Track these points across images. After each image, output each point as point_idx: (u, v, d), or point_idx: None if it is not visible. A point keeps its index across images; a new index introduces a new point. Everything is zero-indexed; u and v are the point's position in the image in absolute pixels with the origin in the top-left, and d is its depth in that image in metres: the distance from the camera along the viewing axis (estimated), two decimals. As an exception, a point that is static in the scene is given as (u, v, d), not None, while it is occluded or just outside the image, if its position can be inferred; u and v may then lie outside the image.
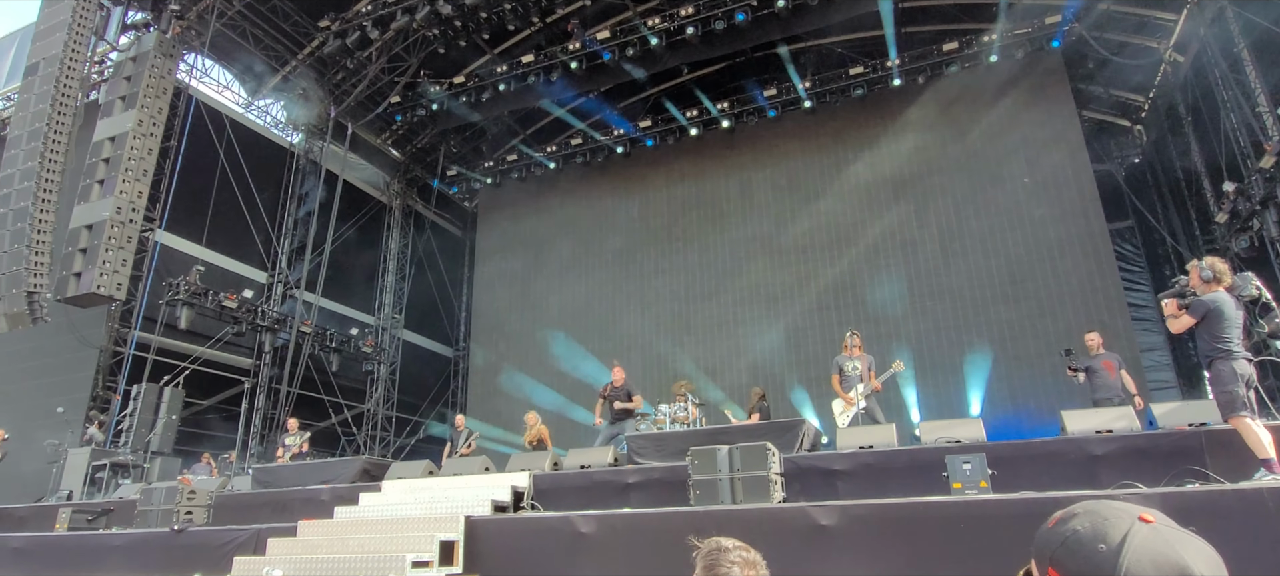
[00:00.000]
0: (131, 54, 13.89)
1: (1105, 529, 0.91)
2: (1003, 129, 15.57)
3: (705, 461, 6.18)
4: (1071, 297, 14.03)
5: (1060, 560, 0.92)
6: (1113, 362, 8.62)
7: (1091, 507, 0.96)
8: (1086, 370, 8.66)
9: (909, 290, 15.38)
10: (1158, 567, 0.85)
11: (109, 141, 13.19)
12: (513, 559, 6.12)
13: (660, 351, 17.39)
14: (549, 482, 7.74)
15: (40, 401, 13.87)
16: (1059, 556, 0.93)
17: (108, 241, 12.41)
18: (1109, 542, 0.89)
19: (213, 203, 15.82)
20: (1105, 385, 8.48)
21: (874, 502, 5.34)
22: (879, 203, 16.29)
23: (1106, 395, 8.39)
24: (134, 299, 13.90)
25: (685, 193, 18.55)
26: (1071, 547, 0.92)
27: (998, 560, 4.64)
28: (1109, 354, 8.80)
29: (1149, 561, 0.86)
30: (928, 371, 14.48)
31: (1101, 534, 0.90)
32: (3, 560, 8.23)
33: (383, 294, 19.98)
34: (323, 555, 6.15)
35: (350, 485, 8.72)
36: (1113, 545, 0.88)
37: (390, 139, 20.04)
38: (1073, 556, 0.91)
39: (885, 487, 6.20)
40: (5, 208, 12.71)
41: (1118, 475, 5.74)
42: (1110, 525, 0.91)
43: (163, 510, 7.96)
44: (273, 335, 16.37)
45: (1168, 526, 0.91)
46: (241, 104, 17.54)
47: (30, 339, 13.44)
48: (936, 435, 7.06)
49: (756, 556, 1.88)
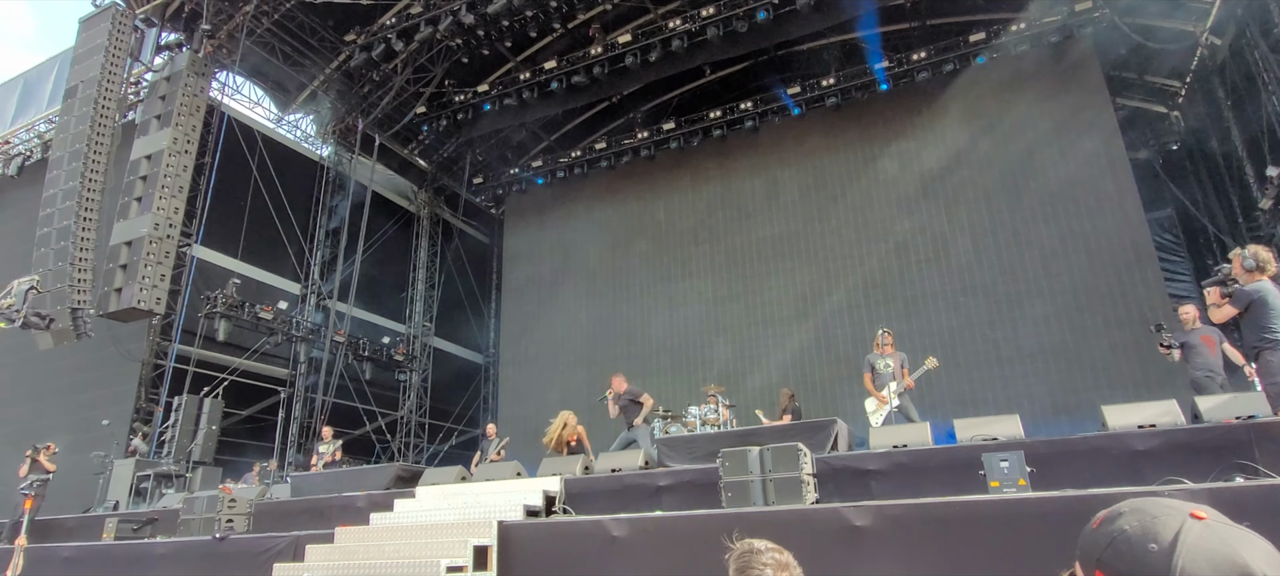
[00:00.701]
0: (165, 74, 14.26)
1: (1155, 527, 0.87)
2: (1034, 119, 15.26)
3: (736, 463, 6.14)
4: (1109, 289, 13.70)
5: (1108, 562, 0.88)
6: (1213, 338, 7.60)
7: (1138, 505, 0.92)
8: (1182, 346, 7.67)
9: (941, 286, 15.14)
10: (1215, 567, 0.81)
11: (146, 159, 13.55)
12: (545, 563, 6.13)
13: (689, 353, 17.34)
14: (580, 486, 7.76)
15: (86, 414, 14.28)
16: (1107, 558, 0.89)
17: (146, 257, 12.74)
18: (1160, 542, 0.85)
19: (247, 216, 16.16)
20: (1204, 363, 7.51)
21: (909, 502, 5.25)
22: (908, 198, 16.07)
23: (1206, 374, 7.46)
24: (173, 312, 14.24)
25: (711, 193, 18.49)
26: (1120, 549, 0.88)
27: (1038, 561, 4.53)
28: (1207, 328, 7.66)
29: (1205, 560, 0.81)
30: (962, 368, 14.23)
31: (1152, 533, 0.86)
32: (54, 569, 8.47)
33: (413, 302, 20.23)
34: (359, 561, 6.23)
35: (385, 491, 8.83)
36: (1164, 544, 0.84)
37: (417, 149, 20.29)
38: (1121, 558, 0.87)
39: (920, 487, 6.10)
40: (49, 227, 13.14)
41: (1162, 471, 5.57)
42: (1160, 523, 0.87)
43: (205, 518, 8.13)
44: (307, 345, 16.67)
45: (1222, 523, 0.87)
46: (272, 119, 17.91)
47: (75, 354, 13.84)
48: (972, 432, 6.93)
49: (789, 558, 1.86)
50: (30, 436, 11.38)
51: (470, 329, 21.73)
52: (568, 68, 16.83)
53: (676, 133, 18.64)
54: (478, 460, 11.33)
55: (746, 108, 17.86)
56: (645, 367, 17.66)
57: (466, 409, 20.74)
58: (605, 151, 19.40)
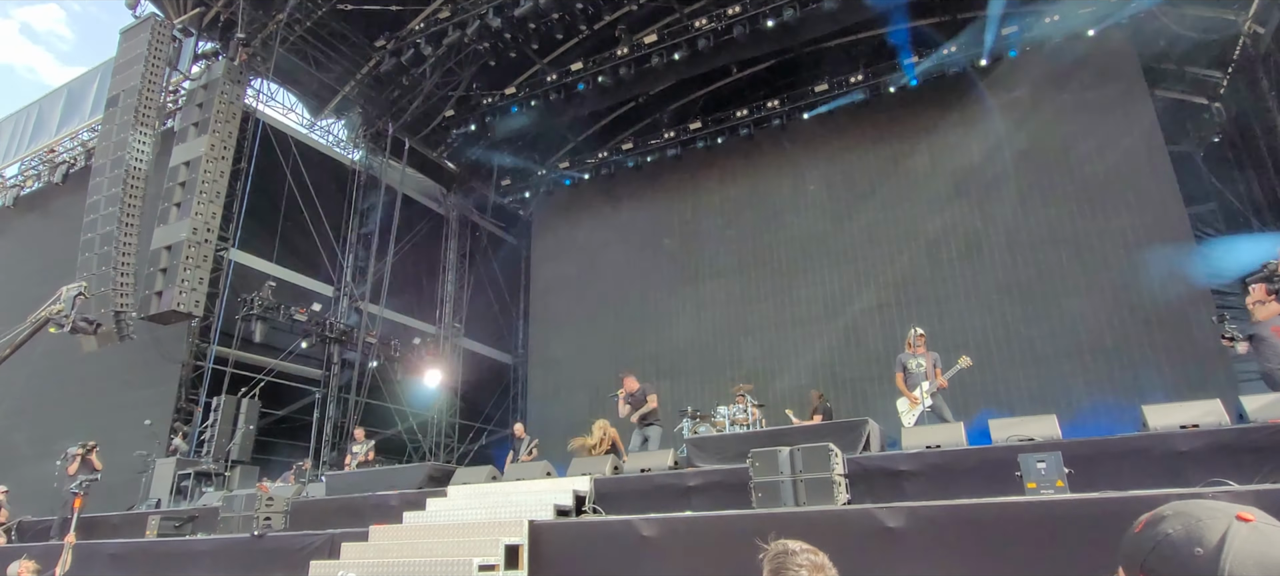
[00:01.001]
0: (202, 82, 14.60)
1: (1200, 531, 0.85)
2: (1069, 112, 14.95)
3: (766, 463, 6.12)
4: (1149, 286, 13.36)
5: (1153, 567, 0.87)
6: None
7: (1182, 508, 0.90)
8: (1250, 338, 7.01)
9: (974, 284, 14.91)
10: (1264, 569, 0.79)
11: (184, 166, 13.88)
12: (576, 562, 6.16)
13: (717, 353, 17.30)
14: (610, 486, 7.78)
15: (128, 414, 14.69)
16: (1151, 563, 0.87)
17: (185, 261, 13.05)
18: (1206, 545, 0.83)
19: (281, 220, 16.48)
20: (1277, 353, 6.81)
21: (943, 504, 5.18)
22: (940, 195, 15.84)
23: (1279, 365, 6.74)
24: (211, 315, 14.57)
25: (738, 193, 18.42)
26: (1165, 553, 0.86)
27: (1076, 565, 4.45)
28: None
29: (1254, 563, 0.80)
30: (996, 368, 13.99)
31: (1197, 536, 0.84)
32: (100, 565, 8.73)
33: (443, 304, 20.45)
34: (393, 559, 6.32)
35: (417, 491, 8.94)
36: (1210, 548, 0.82)
37: (445, 152, 20.51)
38: (1167, 562, 0.85)
39: (954, 488, 6.01)
40: (93, 232, 13.53)
41: (1206, 473, 5.43)
42: (1206, 526, 0.85)
43: (243, 516, 8.32)
44: (341, 347, 16.95)
45: (1269, 524, 0.85)
46: (305, 125, 18.24)
47: (119, 355, 14.24)
48: (1008, 433, 6.82)
49: (824, 559, 1.85)
50: (75, 436, 11.72)
51: (499, 330, 21.91)
52: (594, 68, 16.89)
53: (703, 132, 18.60)
54: (511, 460, 11.43)
55: (773, 106, 17.76)
56: (673, 367, 17.66)
57: (496, 409, 20.91)
58: (632, 152, 19.44)
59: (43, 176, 19.26)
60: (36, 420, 15.66)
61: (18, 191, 19.85)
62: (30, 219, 19.49)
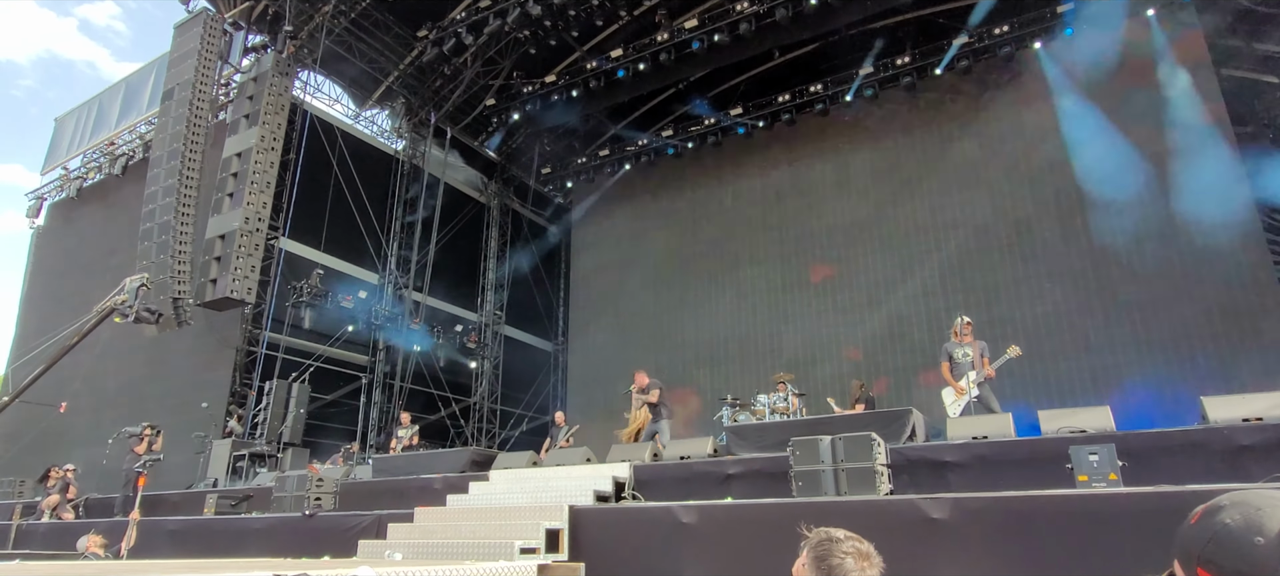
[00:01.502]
0: (253, 75, 15.01)
1: (1260, 520, 0.81)
2: (1127, 92, 14.33)
3: (807, 452, 6.06)
4: (1212, 275, 12.80)
5: (1211, 557, 0.83)
6: None
7: (1240, 498, 0.86)
8: None
9: (1024, 272, 14.48)
10: None
11: (236, 157, 14.31)
12: (615, 548, 6.21)
13: (757, 341, 17.18)
14: (649, 473, 7.81)
15: (186, 397, 15.27)
16: (1209, 553, 0.83)
17: (238, 249, 13.48)
18: (1267, 534, 0.80)
19: (328, 209, 16.88)
20: None
21: (990, 496, 5.07)
22: (989, 180, 15.40)
23: None
24: (263, 302, 15.03)
25: (780, 179, 18.20)
26: (1223, 543, 0.83)
27: (1129, 560, 4.30)
28: None
29: None
30: (1047, 359, 13.60)
31: (1257, 526, 0.81)
32: (161, 541, 9.11)
33: (484, 291, 20.73)
34: (438, 540, 6.45)
35: (460, 474, 9.11)
36: (1271, 537, 0.79)
37: (486, 140, 20.73)
38: (1225, 553, 0.82)
39: (1001, 480, 5.87)
40: (151, 222, 14.05)
41: (1270, 467, 5.21)
42: (1265, 515, 0.81)
43: (295, 496, 8.58)
44: (386, 333, 17.33)
45: None
46: (350, 115, 18.61)
47: (177, 341, 14.80)
48: (1059, 424, 6.63)
49: (870, 548, 1.81)
50: (137, 418, 12.22)
51: (540, 317, 22.12)
52: (634, 55, 16.84)
53: (744, 118, 18.41)
54: (547, 447, 11.56)
55: (816, 90, 17.47)
56: (713, 355, 17.61)
57: (537, 395, 21.16)
58: (672, 139, 19.36)
59: (104, 169, 20.04)
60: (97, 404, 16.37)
61: (81, 183, 20.70)
62: (92, 209, 20.33)
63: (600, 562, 6.12)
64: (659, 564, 5.82)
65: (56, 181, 21.62)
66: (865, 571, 1.75)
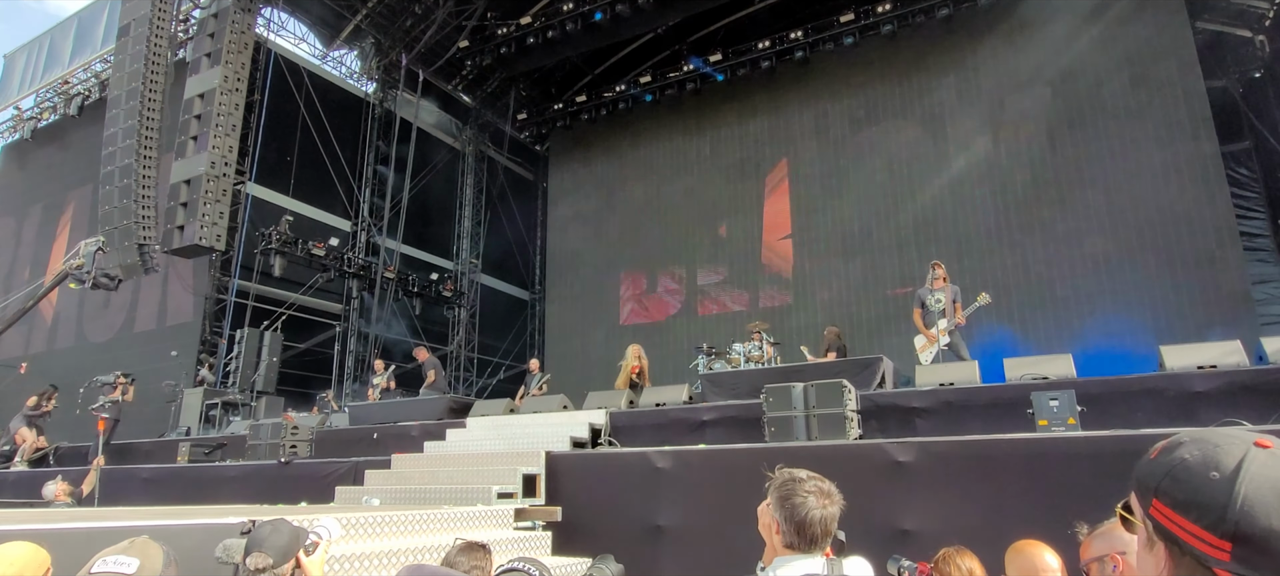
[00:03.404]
0: (213, 10, 14.39)
1: (1217, 456, 0.83)
2: (1104, 44, 14.37)
3: (780, 398, 6.17)
4: (1176, 226, 13.08)
5: (1166, 491, 0.85)
6: None
7: (1199, 435, 0.88)
8: None
9: (996, 223, 14.67)
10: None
11: (199, 98, 13.82)
12: (591, 492, 6.32)
13: (734, 291, 17.30)
14: (625, 420, 7.92)
15: (154, 346, 15.05)
16: (1165, 487, 0.86)
17: (205, 195, 13.12)
18: (1222, 470, 0.81)
19: (296, 154, 16.46)
20: None
21: (954, 439, 5.23)
22: (965, 131, 15.45)
23: None
24: (231, 249, 14.73)
25: (758, 128, 18.09)
26: (1178, 477, 0.85)
27: (1085, 498, 4.48)
28: None
29: (1269, 489, 0.78)
30: (1015, 308, 13.90)
31: (1213, 461, 0.83)
32: (135, 489, 9.08)
33: (460, 239, 20.52)
34: (415, 486, 6.52)
35: (438, 421, 9.16)
36: (1227, 472, 0.81)
37: (460, 85, 20.24)
38: (1181, 486, 0.84)
39: (966, 425, 6.05)
40: (112, 165, 13.60)
41: (1220, 413, 5.42)
42: (1222, 452, 0.83)
43: (270, 444, 8.58)
44: (359, 281, 17.13)
45: None
46: (316, 56, 18.02)
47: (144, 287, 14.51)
48: (1022, 371, 6.82)
49: (831, 486, 1.88)
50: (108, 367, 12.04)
51: (516, 266, 22.00)
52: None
53: (723, 65, 18.16)
54: (522, 394, 11.62)
55: (796, 37, 17.24)
56: (690, 304, 17.74)
57: (514, 344, 21.18)
58: (650, 85, 19.07)
59: (59, 109, 19.30)
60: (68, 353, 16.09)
61: (35, 123, 19.94)
62: (49, 151, 19.64)
63: (577, 507, 6.24)
64: (635, 507, 5.95)
65: (10, 122, 20.79)
66: (826, 508, 1.82)
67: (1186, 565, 0.83)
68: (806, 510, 1.79)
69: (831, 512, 1.82)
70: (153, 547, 1.90)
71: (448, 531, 4.85)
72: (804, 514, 1.79)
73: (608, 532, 5.94)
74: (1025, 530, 2.59)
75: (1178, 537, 0.84)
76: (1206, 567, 0.81)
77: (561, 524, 6.10)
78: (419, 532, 4.75)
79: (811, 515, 1.79)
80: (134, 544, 1.89)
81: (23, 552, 2.03)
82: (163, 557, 1.89)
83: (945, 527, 4.57)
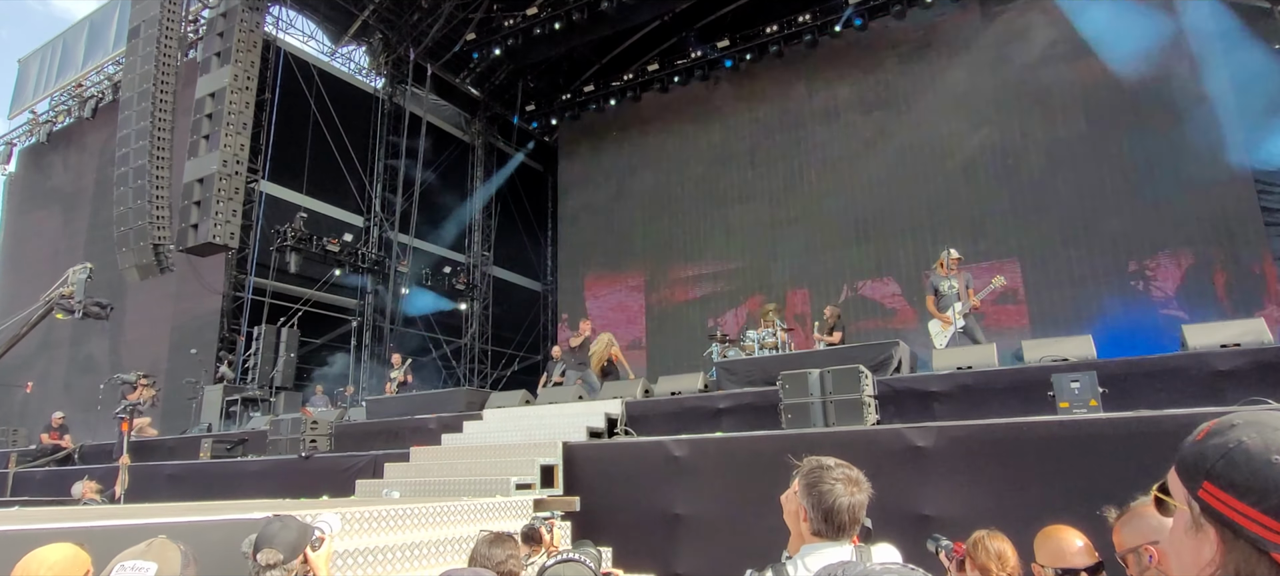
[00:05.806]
0: (221, 9, 14.44)
1: (1278, 440, 0.81)
2: (1122, 21, 14.11)
3: (796, 385, 6.16)
4: (1196, 203, 12.88)
5: (1221, 474, 0.83)
6: None
7: (1254, 417, 0.85)
8: None
9: (1011, 205, 14.50)
10: None
11: (210, 97, 13.88)
12: (609, 482, 6.34)
13: (746, 278, 17.25)
14: (641, 409, 7.93)
15: (175, 343, 15.21)
16: (1219, 469, 0.83)
17: (218, 193, 13.20)
18: None
19: (308, 151, 16.54)
20: None
21: (973, 423, 5.19)
22: (978, 112, 15.26)
23: None
24: (247, 247, 14.84)
25: (767, 114, 17.96)
26: (1236, 460, 0.82)
27: (1109, 481, 4.44)
28: None
29: None
30: (1032, 289, 13.77)
31: (1275, 445, 0.80)
32: (159, 484, 9.21)
33: (471, 232, 20.57)
34: (434, 478, 6.56)
35: (455, 414, 9.21)
36: None
37: (468, 78, 20.24)
38: (1238, 469, 0.81)
39: (985, 409, 6.01)
40: (126, 166, 13.73)
41: (1245, 392, 5.34)
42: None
43: (290, 439, 8.66)
44: (373, 276, 17.22)
45: None
46: (325, 53, 18.05)
47: (161, 287, 14.64)
48: (1042, 353, 6.75)
49: (859, 474, 1.87)
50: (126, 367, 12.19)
51: (528, 257, 22.04)
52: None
53: (731, 50, 18.01)
54: (545, 381, 11.71)
55: (804, 21, 17.07)
56: (702, 292, 17.72)
57: (527, 335, 21.25)
58: (658, 73, 18.97)
59: (73, 112, 19.46)
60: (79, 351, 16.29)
61: (50, 127, 20.13)
62: (65, 154, 19.82)
63: (594, 496, 6.26)
64: (652, 496, 5.97)
65: (25, 126, 20.99)
66: (854, 496, 1.81)
67: (1240, 549, 0.81)
68: (835, 498, 1.79)
69: (860, 500, 1.81)
70: (171, 548, 1.91)
71: (467, 523, 4.88)
72: (832, 501, 1.78)
73: (626, 522, 5.96)
74: (1048, 513, 2.57)
75: (1233, 521, 0.81)
76: (1263, 553, 0.79)
77: (579, 514, 6.12)
78: (439, 525, 4.78)
79: (840, 503, 1.78)
80: (152, 546, 1.90)
81: (63, 554, 2.05)
82: (180, 558, 1.90)
83: (966, 512, 4.55)
